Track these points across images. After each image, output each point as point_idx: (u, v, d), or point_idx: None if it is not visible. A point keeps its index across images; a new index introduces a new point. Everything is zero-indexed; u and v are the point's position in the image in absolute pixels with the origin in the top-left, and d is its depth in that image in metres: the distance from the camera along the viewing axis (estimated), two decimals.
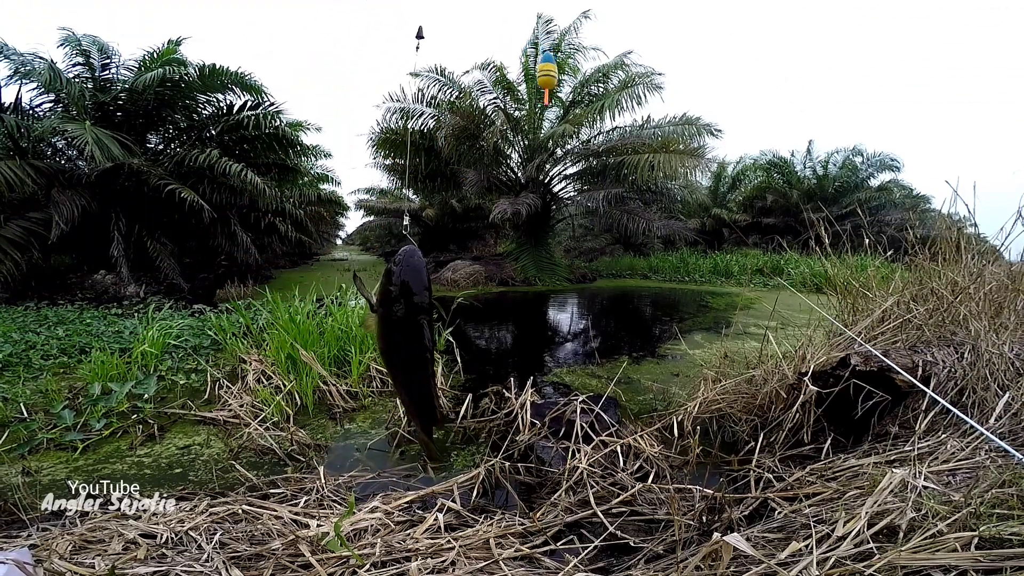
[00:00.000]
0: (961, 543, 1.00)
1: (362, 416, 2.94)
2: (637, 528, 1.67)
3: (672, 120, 11.59)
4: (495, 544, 1.49)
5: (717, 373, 2.88)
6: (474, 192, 12.32)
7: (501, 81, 11.43)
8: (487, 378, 3.71)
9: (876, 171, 17.75)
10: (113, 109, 8.16)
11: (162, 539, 1.49)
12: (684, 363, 4.18)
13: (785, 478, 1.78)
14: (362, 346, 3.44)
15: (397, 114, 11.70)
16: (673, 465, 2.13)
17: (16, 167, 6.50)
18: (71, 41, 7.85)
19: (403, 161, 12.91)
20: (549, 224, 13.23)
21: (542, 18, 11.17)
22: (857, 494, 1.40)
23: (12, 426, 2.47)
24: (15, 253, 6.54)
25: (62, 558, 1.36)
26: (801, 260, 10.53)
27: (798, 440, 2.17)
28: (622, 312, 7.75)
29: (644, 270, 13.79)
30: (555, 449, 2.18)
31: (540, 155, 11.57)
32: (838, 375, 2.13)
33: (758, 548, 1.19)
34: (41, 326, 4.79)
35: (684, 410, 2.58)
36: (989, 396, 1.89)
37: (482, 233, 18.23)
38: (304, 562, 1.38)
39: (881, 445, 1.86)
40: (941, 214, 3.09)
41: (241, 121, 8.55)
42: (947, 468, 1.43)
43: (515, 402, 2.57)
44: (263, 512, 1.70)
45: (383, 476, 2.17)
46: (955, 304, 2.41)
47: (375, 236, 22.23)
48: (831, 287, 3.16)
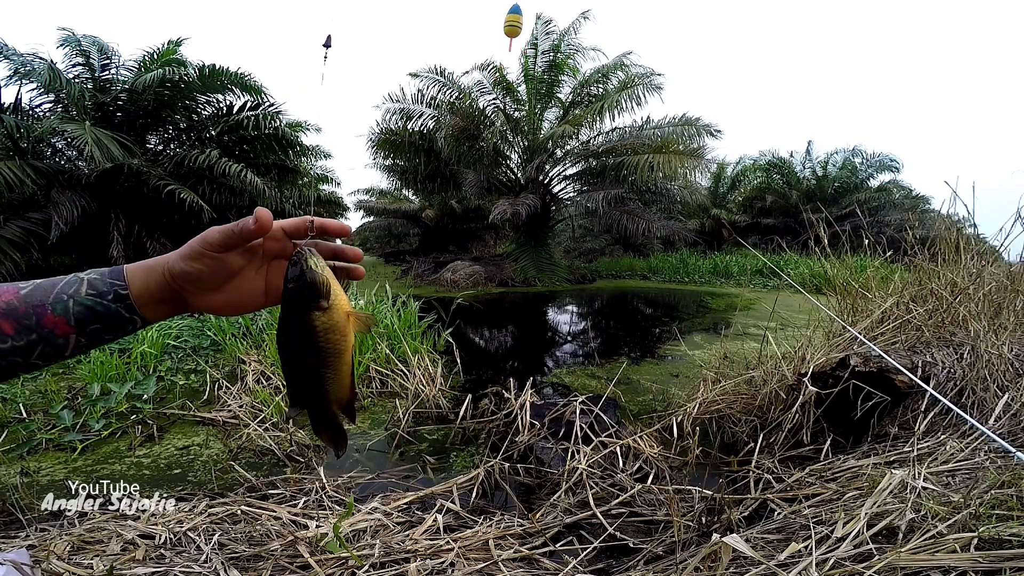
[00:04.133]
0: (961, 544, 1.00)
1: (361, 417, 2.94)
2: (636, 529, 1.67)
3: (672, 121, 11.60)
4: (494, 545, 1.49)
5: (716, 374, 2.88)
6: (474, 193, 12.33)
7: (501, 82, 11.43)
8: (486, 379, 3.71)
9: (875, 172, 17.76)
10: (113, 109, 8.16)
11: (161, 540, 1.49)
12: (684, 364, 4.18)
13: (784, 479, 1.78)
14: (361, 347, 3.44)
15: (397, 115, 11.70)
16: (672, 466, 2.13)
17: (16, 167, 6.50)
18: (71, 41, 7.84)
19: (403, 162, 12.92)
20: (549, 225, 13.23)
21: (541, 19, 11.17)
22: (856, 495, 1.40)
23: (11, 426, 2.47)
24: (15, 253, 6.54)
25: (60, 559, 1.36)
26: (801, 261, 10.54)
27: (798, 441, 2.17)
28: (622, 313, 7.75)
29: (644, 271, 13.79)
30: (554, 450, 2.18)
31: (540, 156, 11.57)
32: (837, 376, 2.13)
33: (757, 549, 1.19)
34: None
35: (683, 411, 2.58)
36: (988, 397, 1.89)
37: (482, 234, 18.22)
38: (303, 563, 1.38)
39: (880, 446, 1.86)
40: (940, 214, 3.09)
41: (241, 122, 8.55)
42: (947, 469, 1.43)
43: (515, 403, 2.56)
44: (262, 513, 1.70)
45: (382, 477, 2.17)
46: (954, 305, 2.41)
47: (375, 237, 22.21)
48: (831, 288, 3.16)
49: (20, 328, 0.43)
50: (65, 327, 0.44)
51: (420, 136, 11.94)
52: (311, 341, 0.47)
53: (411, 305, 4.26)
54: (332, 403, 0.50)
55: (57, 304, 0.44)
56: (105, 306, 0.45)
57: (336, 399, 0.50)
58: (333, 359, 0.48)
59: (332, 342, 0.47)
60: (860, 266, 3.53)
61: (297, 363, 0.48)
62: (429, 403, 2.99)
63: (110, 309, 0.45)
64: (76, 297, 0.45)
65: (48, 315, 0.44)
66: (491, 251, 16.86)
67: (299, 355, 0.47)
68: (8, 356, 0.43)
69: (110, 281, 0.46)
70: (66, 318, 0.44)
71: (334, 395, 0.50)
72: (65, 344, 0.45)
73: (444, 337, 3.98)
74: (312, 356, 0.47)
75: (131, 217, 7.79)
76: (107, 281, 0.46)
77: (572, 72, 11.71)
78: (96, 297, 0.45)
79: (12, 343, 0.43)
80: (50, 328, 0.44)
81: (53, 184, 7.14)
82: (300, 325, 0.46)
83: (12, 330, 0.43)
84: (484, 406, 2.80)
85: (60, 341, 0.44)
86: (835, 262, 3.24)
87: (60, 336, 0.44)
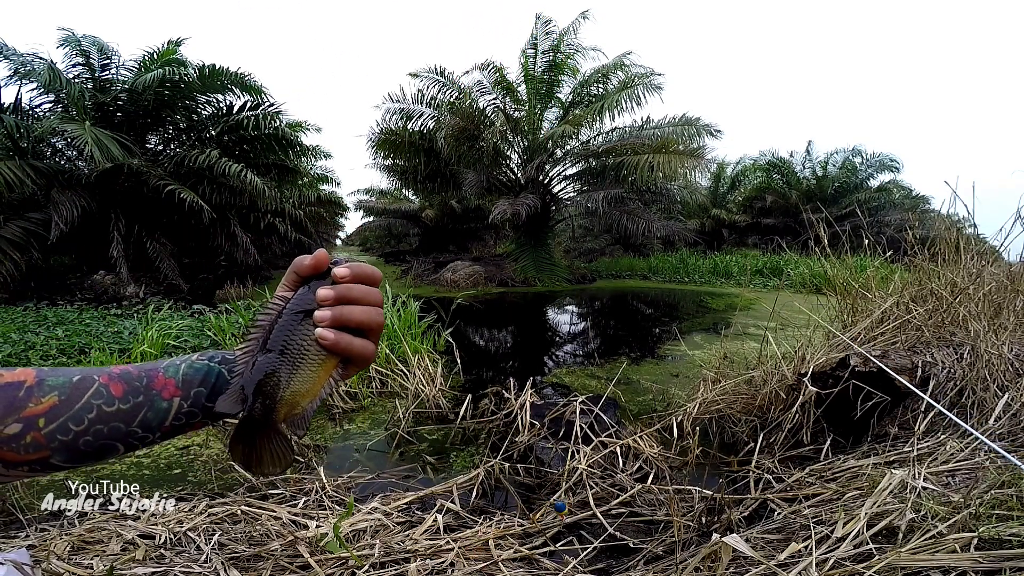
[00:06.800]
0: (960, 544, 1.00)
1: (361, 417, 2.94)
2: (636, 529, 1.67)
3: (672, 121, 11.60)
4: (494, 545, 1.49)
5: (716, 374, 2.88)
6: (474, 193, 12.33)
7: (501, 82, 11.43)
8: (486, 379, 3.71)
9: (875, 172, 17.76)
10: (113, 109, 8.16)
11: (161, 540, 1.49)
12: (683, 364, 4.18)
13: (784, 479, 1.78)
14: None
15: (397, 115, 11.71)
16: (672, 466, 2.13)
17: (16, 167, 6.50)
18: (71, 41, 7.84)
19: (403, 162, 12.92)
20: (549, 225, 13.23)
21: (541, 18, 11.17)
22: (856, 495, 1.40)
23: None
24: (15, 253, 6.54)
25: (60, 559, 1.36)
26: (801, 261, 10.54)
27: (797, 441, 2.17)
28: (621, 313, 7.75)
29: (644, 271, 13.80)
30: (554, 450, 2.18)
31: (540, 156, 11.57)
32: (837, 376, 2.13)
33: (757, 549, 1.19)
34: (40, 326, 4.79)
35: (683, 411, 2.58)
36: (988, 397, 1.89)
37: (482, 234, 18.23)
38: (303, 563, 1.38)
39: (880, 446, 1.86)
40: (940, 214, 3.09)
41: (241, 122, 8.55)
42: (946, 469, 1.43)
43: (515, 403, 2.56)
44: (262, 513, 1.70)
45: (382, 477, 2.17)
46: (954, 305, 2.41)
47: (375, 237, 22.24)
48: (831, 288, 3.16)
49: (129, 390, 0.43)
50: (173, 389, 0.45)
51: (420, 136, 11.95)
52: (308, 335, 0.42)
53: (411, 305, 4.26)
54: (283, 405, 0.42)
55: (169, 367, 0.46)
56: (210, 368, 0.47)
57: (289, 403, 0.42)
58: (318, 361, 0.42)
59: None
60: (860, 266, 3.53)
61: (283, 353, 0.41)
62: (429, 403, 2.99)
63: (214, 370, 0.47)
64: (187, 361, 0.47)
65: (159, 376, 0.45)
66: (491, 251, 16.86)
67: (287, 337, 0.42)
68: (111, 421, 0.42)
69: (219, 351, 0.49)
70: (176, 380, 0.45)
71: (293, 397, 0.42)
72: (168, 408, 0.44)
73: (444, 337, 3.98)
74: (297, 351, 0.42)
75: (131, 217, 7.80)
76: (216, 351, 0.49)
77: (572, 72, 11.71)
78: (206, 360, 0.47)
79: (118, 405, 0.42)
80: (158, 390, 0.44)
81: (53, 184, 7.14)
82: (308, 311, 0.42)
83: (121, 392, 0.42)
84: (484, 406, 2.80)
85: (165, 404, 0.44)
86: (835, 262, 3.24)
87: (166, 399, 0.44)
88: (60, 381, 0.41)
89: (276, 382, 0.41)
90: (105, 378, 0.43)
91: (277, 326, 0.42)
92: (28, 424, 0.39)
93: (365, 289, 0.44)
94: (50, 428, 0.39)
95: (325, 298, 0.42)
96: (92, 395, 0.41)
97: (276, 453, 0.44)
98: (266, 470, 0.44)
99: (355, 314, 0.43)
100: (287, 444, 0.44)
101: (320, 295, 0.42)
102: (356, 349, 0.43)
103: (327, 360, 0.43)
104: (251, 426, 0.42)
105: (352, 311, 0.43)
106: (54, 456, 0.40)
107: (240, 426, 0.43)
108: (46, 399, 0.40)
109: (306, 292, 0.43)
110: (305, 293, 0.43)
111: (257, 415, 0.42)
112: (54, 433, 0.39)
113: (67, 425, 0.40)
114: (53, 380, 0.41)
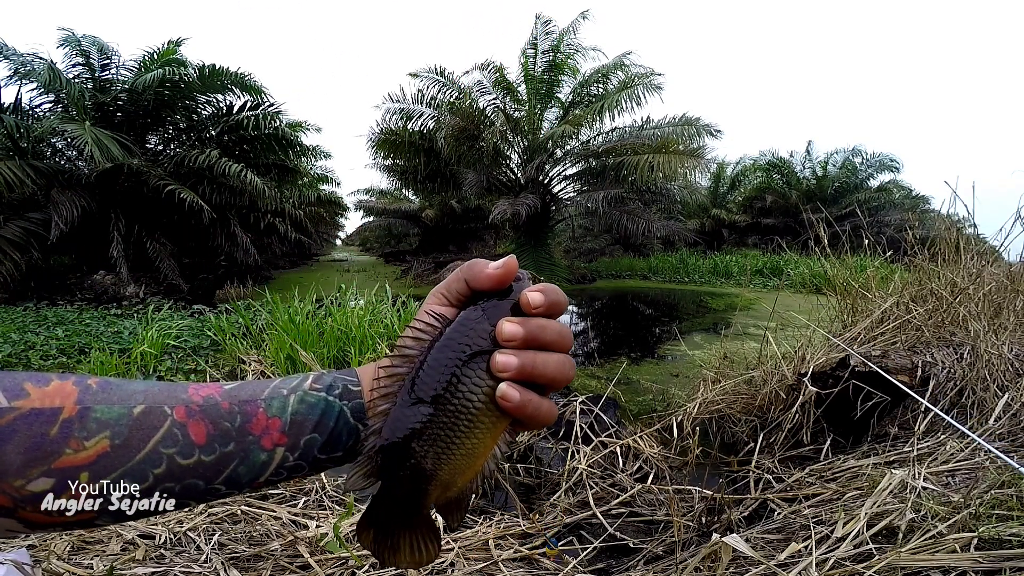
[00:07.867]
0: (960, 544, 1.00)
1: None
2: (636, 529, 1.67)
3: (672, 121, 11.60)
4: (494, 545, 1.49)
5: (716, 374, 2.88)
6: (474, 193, 12.34)
7: (501, 82, 11.43)
8: None
9: (875, 172, 17.78)
10: (113, 109, 8.17)
11: (161, 540, 1.49)
12: (683, 364, 4.18)
13: (784, 479, 1.78)
14: (361, 347, 3.44)
15: (397, 115, 11.71)
16: (672, 466, 2.13)
17: (16, 167, 6.50)
18: (71, 41, 7.85)
19: (403, 162, 12.92)
20: (549, 225, 13.23)
21: (541, 18, 11.17)
22: (856, 495, 1.40)
23: None
24: (15, 253, 6.54)
25: (60, 559, 1.36)
26: (801, 261, 10.54)
27: (797, 441, 2.17)
28: (621, 313, 7.76)
29: (644, 271, 13.80)
30: (554, 450, 2.18)
31: (540, 156, 11.57)
32: (837, 376, 2.13)
33: (757, 549, 1.19)
34: (40, 326, 4.79)
35: (683, 411, 2.58)
36: (988, 397, 1.89)
37: (482, 234, 18.23)
38: (303, 563, 1.38)
39: (880, 446, 1.86)
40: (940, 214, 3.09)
41: (241, 122, 8.56)
42: (946, 469, 1.43)
43: None
44: (262, 513, 1.70)
45: None
46: (954, 305, 2.41)
47: (375, 237, 22.24)
48: (831, 288, 3.16)
49: (215, 434, 0.31)
50: (277, 435, 0.32)
51: (420, 136, 11.95)
52: (481, 387, 0.30)
53: (411, 305, 4.26)
54: (436, 485, 0.31)
55: (273, 400, 0.33)
56: (329, 404, 0.34)
57: (445, 482, 0.31)
58: (489, 424, 0.31)
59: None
60: (860, 266, 3.53)
61: (440, 407, 0.30)
62: None
63: (333, 408, 0.34)
64: (298, 391, 0.34)
65: (259, 415, 0.32)
66: (491, 251, 16.86)
67: (451, 386, 0.30)
68: (187, 478, 0.30)
69: (339, 376, 0.36)
70: (283, 421, 0.33)
71: (450, 475, 0.31)
72: (268, 461, 0.32)
73: None
74: (462, 408, 0.30)
75: (131, 217, 7.80)
76: (335, 375, 0.36)
77: (572, 72, 11.71)
78: (322, 392, 0.34)
79: (199, 456, 0.30)
80: (257, 434, 0.32)
81: (53, 184, 7.15)
82: (481, 360, 0.31)
83: (204, 437, 0.31)
84: None
85: (264, 457, 0.32)
86: (835, 262, 3.24)
87: (267, 449, 0.32)
88: (114, 414, 0.29)
89: (428, 451, 0.30)
90: (182, 412, 0.31)
91: (432, 362, 0.31)
92: (64, 478, 0.28)
93: (559, 329, 0.32)
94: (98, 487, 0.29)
95: (512, 337, 0.30)
96: (162, 440, 0.30)
97: (419, 545, 0.33)
98: (403, 562, 0.33)
99: (549, 367, 0.31)
100: (435, 534, 0.34)
101: (505, 333, 0.30)
102: (543, 415, 0.31)
103: (498, 423, 0.31)
104: (390, 508, 0.32)
105: (547, 362, 0.31)
106: (100, 519, 0.30)
107: (374, 505, 0.33)
108: (92, 443, 0.29)
109: (480, 319, 0.31)
110: (479, 320, 0.31)
111: (400, 496, 0.31)
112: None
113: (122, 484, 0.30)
114: (103, 412, 0.29)
